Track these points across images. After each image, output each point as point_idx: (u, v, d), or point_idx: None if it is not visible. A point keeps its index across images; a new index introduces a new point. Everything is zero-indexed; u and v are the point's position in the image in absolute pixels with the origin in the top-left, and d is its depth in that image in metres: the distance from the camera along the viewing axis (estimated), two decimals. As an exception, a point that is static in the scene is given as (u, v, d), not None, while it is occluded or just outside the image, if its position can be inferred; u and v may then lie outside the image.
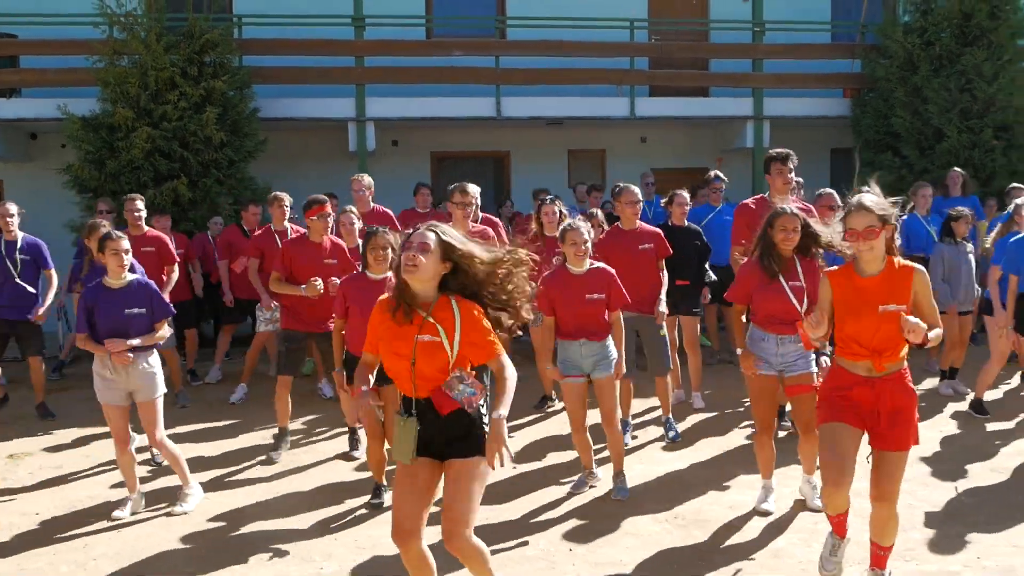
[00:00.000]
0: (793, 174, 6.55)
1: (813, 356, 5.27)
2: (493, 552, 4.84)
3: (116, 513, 5.55)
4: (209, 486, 6.07)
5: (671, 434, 6.98)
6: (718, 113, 13.42)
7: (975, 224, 8.75)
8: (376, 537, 5.13)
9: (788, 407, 6.67)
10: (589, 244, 5.55)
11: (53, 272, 7.89)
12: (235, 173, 11.03)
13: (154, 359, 5.63)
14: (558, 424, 7.48)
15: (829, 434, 4.05)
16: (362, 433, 6.99)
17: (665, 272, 7.04)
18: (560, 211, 7.58)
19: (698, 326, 7.96)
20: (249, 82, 11.50)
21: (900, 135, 12.31)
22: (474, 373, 3.70)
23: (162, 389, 5.65)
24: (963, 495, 5.63)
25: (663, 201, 8.06)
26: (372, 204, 8.38)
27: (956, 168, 10.50)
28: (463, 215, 6.80)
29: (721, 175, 9.85)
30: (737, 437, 7.05)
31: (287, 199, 8.02)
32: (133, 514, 5.60)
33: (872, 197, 3.94)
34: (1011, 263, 6.87)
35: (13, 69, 12.17)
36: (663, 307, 6.87)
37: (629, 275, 6.77)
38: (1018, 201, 7.43)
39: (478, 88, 12.63)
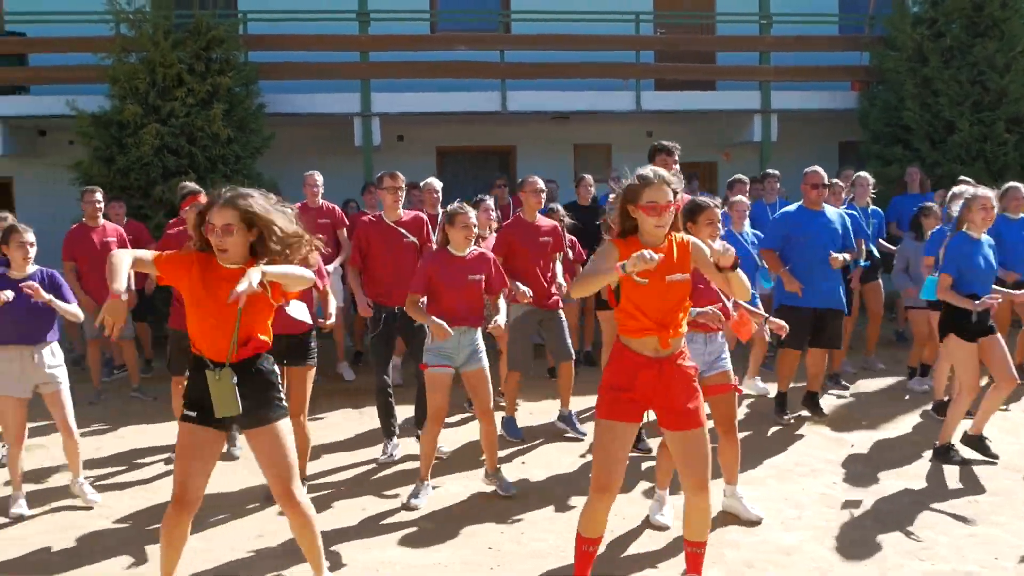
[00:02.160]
0: (677, 165, 6.19)
1: (728, 354, 5.20)
2: (407, 567, 4.77)
3: (14, 511, 5.53)
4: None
5: (571, 432, 7.02)
6: (725, 107, 13.34)
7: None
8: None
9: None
10: (475, 229, 5.60)
11: None
12: (242, 169, 10.99)
13: (56, 349, 5.66)
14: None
15: (603, 432, 3.87)
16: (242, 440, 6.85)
17: (559, 264, 7.22)
18: (493, 211, 7.71)
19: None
20: (255, 78, 11.47)
21: (910, 128, 12.21)
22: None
23: (66, 379, 5.69)
24: (980, 496, 5.59)
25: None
26: (320, 201, 9.02)
27: (914, 166, 10.55)
28: (393, 200, 6.55)
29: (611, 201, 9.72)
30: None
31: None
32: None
33: (665, 171, 3.85)
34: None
35: (22, 67, 12.17)
36: (562, 284, 7.01)
37: (529, 266, 6.78)
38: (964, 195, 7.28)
39: (483, 82, 12.58)
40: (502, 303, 5.76)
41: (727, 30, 14.02)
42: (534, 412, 7.76)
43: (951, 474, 5.94)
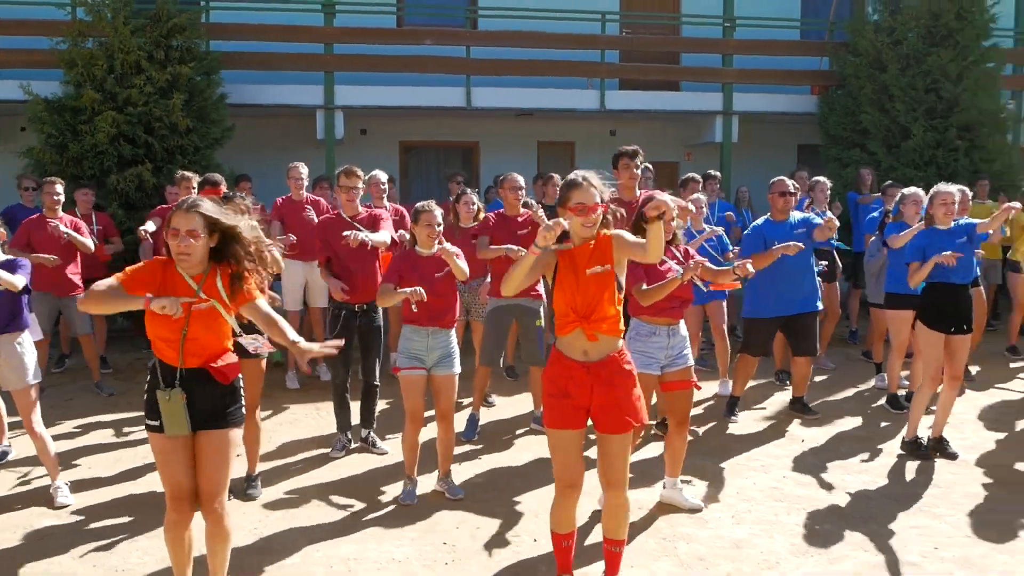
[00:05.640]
0: (639, 169, 6.76)
1: (689, 349, 5.29)
2: (362, 561, 4.82)
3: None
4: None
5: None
6: (687, 107, 13.46)
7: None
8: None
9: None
10: (441, 227, 5.57)
11: None
12: (201, 160, 10.85)
13: (24, 342, 5.55)
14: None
15: (554, 439, 4.01)
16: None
17: None
18: (476, 203, 7.62)
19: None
20: (217, 67, 11.35)
21: (868, 132, 12.42)
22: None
23: (33, 377, 5.55)
24: (922, 488, 5.71)
25: None
26: (304, 193, 8.74)
27: (867, 167, 10.96)
28: (348, 198, 6.53)
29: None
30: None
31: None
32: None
33: (597, 178, 3.97)
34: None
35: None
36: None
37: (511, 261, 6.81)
38: (904, 191, 7.44)
39: (448, 78, 12.57)
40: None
41: (692, 32, 14.15)
42: (487, 409, 7.79)
43: (896, 468, 6.07)
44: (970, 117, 12.07)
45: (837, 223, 7.00)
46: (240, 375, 4.00)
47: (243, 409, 3.99)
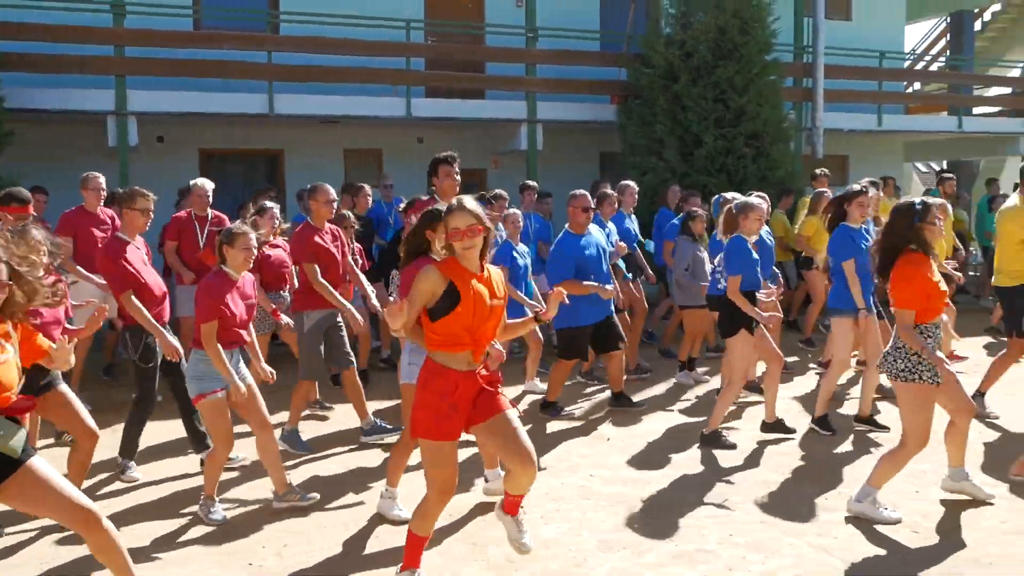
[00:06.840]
0: (459, 175, 6.48)
1: None
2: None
3: None
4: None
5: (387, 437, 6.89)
6: (493, 116, 13.66)
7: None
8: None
9: None
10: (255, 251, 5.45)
11: None
12: (-23, 168, 10.06)
13: None
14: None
15: (435, 451, 4.09)
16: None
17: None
18: (278, 217, 7.62)
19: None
20: (-8, 69, 10.53)
21: (663, 141, 13.03)
22: None
23: None
24: (718, 479, 6.03)
25: None
26: (100, 208, 8.29)
27: (675, 184, 11.42)
28: (145, 222, 6.15)
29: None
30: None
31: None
32: None
33: (471, 200, 4.07)
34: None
35: None
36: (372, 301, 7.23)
37: (330, 271, 6.81)
38: (751, 202, 7.82)
39: (250, 84, 12.20)
40: None
41: (496, 41, 14.37)
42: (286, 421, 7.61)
43: (696, 461, 6.38)
44: (756, 126, 12.89)
45: (626, 249, 7.87)
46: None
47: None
